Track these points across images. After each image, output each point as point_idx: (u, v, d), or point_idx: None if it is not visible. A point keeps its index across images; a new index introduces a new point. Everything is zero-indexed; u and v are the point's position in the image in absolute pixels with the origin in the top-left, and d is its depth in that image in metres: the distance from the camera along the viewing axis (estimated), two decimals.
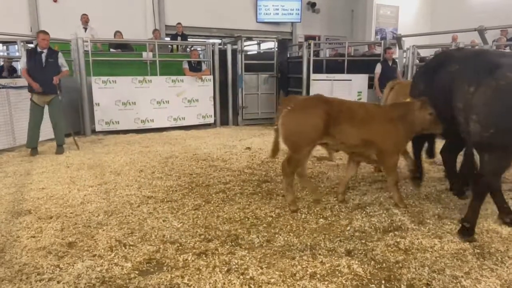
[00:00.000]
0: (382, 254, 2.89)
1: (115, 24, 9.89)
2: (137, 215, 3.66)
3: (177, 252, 2.93)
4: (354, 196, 4.14)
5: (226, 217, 3.61)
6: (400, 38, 9.26)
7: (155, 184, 4.62)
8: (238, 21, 13.02)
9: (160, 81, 8.32)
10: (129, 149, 6.52)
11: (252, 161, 5.72)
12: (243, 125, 9.41)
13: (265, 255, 2.87)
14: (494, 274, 2.62)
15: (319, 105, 3.57)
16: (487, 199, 3.99)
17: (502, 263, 2.76)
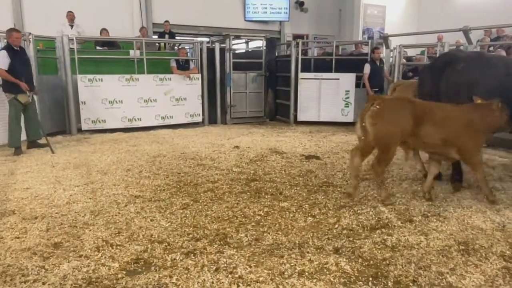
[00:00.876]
0: (370, 251, 2.92)
1: (101, 22, 9.75)
2: (124, 214, 3.62)
3: (165, 251, 2.91)
4: (341, 195, 4.17)
5: (214, 216, 3.60)
6: (387, 38, 9.34)
7: (143, 183, 4.58)
8: (226, 20, 12.97)
9: (148, 80, 8.24)
10: (116, 148, 6.45)
11: (240, 159, 5.72)
12: (232, 123, 9.39)
13: (254, 254, 2.87)
14: (478, 270, 2.67)
15: (407, 106, 3.70)
16: (471, 195, 4.08)
17: (486, 259, 2.81)
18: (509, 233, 3.22)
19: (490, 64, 4.10)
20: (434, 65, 4.25)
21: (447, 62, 4.05)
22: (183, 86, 8.61)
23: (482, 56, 4.36)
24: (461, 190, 4.29)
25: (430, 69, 4.31)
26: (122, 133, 7.79)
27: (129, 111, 8.11)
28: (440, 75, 4.03)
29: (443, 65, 4.06)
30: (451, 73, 3.99)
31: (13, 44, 5.88)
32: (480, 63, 4.07)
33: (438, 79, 4.05)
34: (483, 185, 3.92)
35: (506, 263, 2.76)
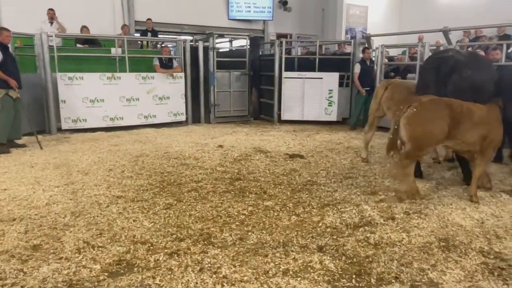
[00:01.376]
0: (353, 249, 2.95)
1: (82, 19, 9.55)
2: (106, 215, 3.56)
3: (148, 252, 2.88)
4: (325, 193, 4.20)
5: (198, 215, 3.57)
6: (369, 38, 9.45)
7: (125, 183, 4.51)
8: (210, 18, 12.89)
9: (130, 78, 8.12)
10: (97, 148, 6.33)
11: (224, 159, 5.69)
12: (215, 123, 9.35)
13: (238, 253, 2.86)
14: (458, 265, 2.73)
15: (444, 108, 3.77)
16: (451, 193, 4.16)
17: (465, 255, 2.87)
18: (488, 229, 3.30)
19: (490, 69, 4.44)
20: (441, 69, 4.37)
21: (453, 67, 4.26)
22: (166, 85, 8.52)
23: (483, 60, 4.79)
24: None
25: (435, 72, 4.41)
26: (103, 133, 7.65)
27: (111, 110, 7.97)
28: (447, 80, 4.25)
29: (451, 71, 4.26)
30: (458, 80, 4.21)
31: (4, 42, 5.99)
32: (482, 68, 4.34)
33: (444, 83, 4.26)
34: (475, 181, 4.02)
35: (484, 258, 2.83)
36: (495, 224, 3.42)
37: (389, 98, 5.17)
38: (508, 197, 4.10)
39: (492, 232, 3.25)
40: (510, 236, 3.18)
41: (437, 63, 4.46)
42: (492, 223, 3.44)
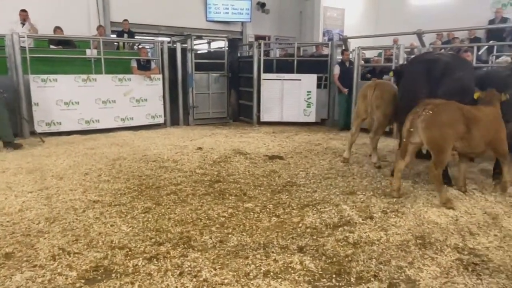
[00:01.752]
0: (333, 249, 2.98)
1: (55, 20, 9.31)
2: (82, 220, 3.47)
3: (126, 257, 2.82)
4: (305, 194, 4.22)
5: (177, 219, 3.53)
6: (346, 40, 9.59)
7: (102, 187, 4.42)
8: (188, 19, 12.80)
9: (106, 80, 7.97)
10: (73, 151, 6.17)
11: (203, 161, 5.65)
12: (194, 125, 9.28)
13: (219, 256, 2.84)
14: (435, 262, 2.80)
15: (458, 110, 3.85)
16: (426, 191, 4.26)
17: (441, 252, 2.95)
18: (462, 226, 3.40)
19: (473, 70, 4.71)
20: (432, 72, 4.43)
21: (444, 70, 4.37)
22: (143, 87, 8.40)
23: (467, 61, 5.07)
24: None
25: (426, 75, 4.46)
26: (79, 136, 7.47)
27: (86, 113, 7.79)
28: (438, 83, 4.34)
29: (442, 73, 4.36)
30: (451, 82, 4.33)
31: None
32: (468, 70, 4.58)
33: (436, 86, 4.34)
34: (506, 173, 4.16)
35: (459, 254, 2.91)
36: (468, 221, 3.52)
37: (378, 97, 5.21)
38: (480, 194, 4.23)
39: (466, 229, 3.34)
40: (483, 233, 3.28)
41: (426, 65, 4.52)
42: (465, 220, 3.55)
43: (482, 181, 4.72)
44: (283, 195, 4.19)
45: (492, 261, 2.81)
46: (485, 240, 3.13)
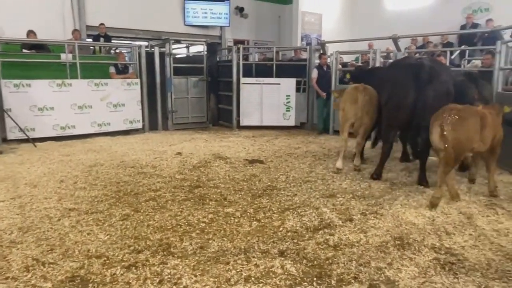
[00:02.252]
0: (313, 252, 2.99)
1: (28, 23, 9.06)
2: (57, 229, 3.37)
3: (103, 266, 2.75)
4: (285, 197, 4.23)
5: (157, 225, 3.47)
6: (324, 44, 9.72)
7: (78, 195, 4.30)
8: (166, 24, 12.68)
9: (82, 85, 7.80)
10: (47, 158, 6.00)
11: (183, 166, 5.59)
12: (173, 129, 9.18)
13: (199, 262, 2.81)
14: (413, 262, 2.84)
15: (476, 114, 3.99)
16: (404, 193, 4.35)
17: (419, 252, 3.00)
18: (438, 226, 3.48)
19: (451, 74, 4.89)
20: (420, 76, 4.50)
21: (431, 75, 4.49)
22: (120, 92, 8.27)
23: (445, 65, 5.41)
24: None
25: (414, 79, 4.53)
26: (54, 142, 7.27)
27: (62, 118, 7.60)
28: (426, 87, 4.44)
29: (430, 77, 4.47)
30: (439, 85, 4.49)
31: None
32: (449, 73, 4.78)
33: (424, 90, 4.45)
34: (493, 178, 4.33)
35: (436, 254, 2.97)
36: (444, 221, 3.61)
37: (368, 102, 5.19)
38: None
39: (442, 229, 3.42)
40: (458, 232, 3.36)
41: (413, 70, 4.58)
42: (442, 220, 3.63)
43: (457, 182, 4.84)
44: (264, 199, 4.19)
45: (467, 260, 2.88)
46: (461, 240, 3.21)
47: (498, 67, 5.76)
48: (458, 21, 11.41)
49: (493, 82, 5.78)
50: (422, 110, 4.45)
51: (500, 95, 5.71)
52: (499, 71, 5.78)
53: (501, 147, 4.33)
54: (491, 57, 6.35)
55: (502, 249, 3.06)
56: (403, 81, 4.65)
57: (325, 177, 5.06)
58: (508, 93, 5.72)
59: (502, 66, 5.79)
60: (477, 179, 4.88)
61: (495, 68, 5.79)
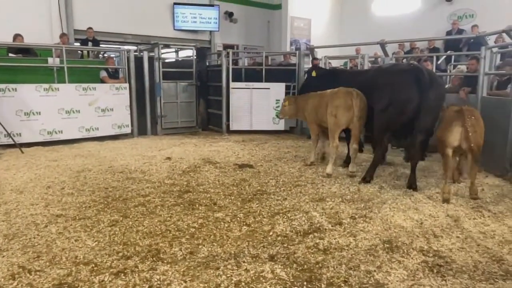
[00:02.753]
0: (303, 256, 2.99)
1: (16, 27, 8.95)
2: (44, 236, 3.32)
3: (92, 273, 2.71)
4: (275, 202, 4.24)
5: (146, 231, 3.44)
6: (313, 49, 9.79)
7: (65, 201, 4.25)
8: (155, 28, 12.67)
9: (70, 89, 7.71)
10: (34, 164, 5.91)
11: (172, 171, 5.56)
12: (163, 134, 9.13)
13: (189, 268, 2.79)
14: (402, 265, 2.87)
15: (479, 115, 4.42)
16: (392, 196, 4.39)
17: (407, 255, 3.03)
18: (426, 229, 3.51)
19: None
20: (421, 81, 4.58)
21: (431, 79, 4.64)
22: (109, 96, 8.20)
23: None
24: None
25: (417, 85, 4.60)
26: (40, 147, 7.17)
27: (49, 123, 7.50)
28: (428, 91, 4.56)
29: (431, 82, 4.60)
30: (438, 89, 4.74)
31: None
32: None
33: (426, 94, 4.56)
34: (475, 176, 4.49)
35: (424, 257, 3.00)
36: (432, 224, 3.65)
37: (362, 108, 5.12)
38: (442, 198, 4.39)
39: (430, 232, 3.46)
40: (446, 235, 3.41)
41: (415, 75, 4.64)
42: (430, 223, 3.67)
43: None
44: (254, 203, 4.19)
45: (455, 262, 2.91)
46: (448, 242, 3.25)
47: (483, 72, 5.87)
48: (444, 27, 11.64)
49: (479, 86, 5.89)
50: (425, 114, 4.57)
51: (485, 100, 5.82)
52: (484, 76, 5.89)
53: None
54: (475, 62, 6.47)
55: (489, 251, 3.11)
56: (406, 86, 4.69)
57: (315, 181, 5.08)
58: (493, 98, 5.84)
59: (486, 71, 5.90)
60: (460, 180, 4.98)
61: (480, 73, 5.90)
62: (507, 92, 5.62)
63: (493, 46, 6.22)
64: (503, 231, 3.49)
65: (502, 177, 5.15)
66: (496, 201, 4.30)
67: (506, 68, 5.99)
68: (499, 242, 3.28)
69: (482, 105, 5.81)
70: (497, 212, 3.97)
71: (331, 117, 5.24)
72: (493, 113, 5.50)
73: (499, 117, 5.27)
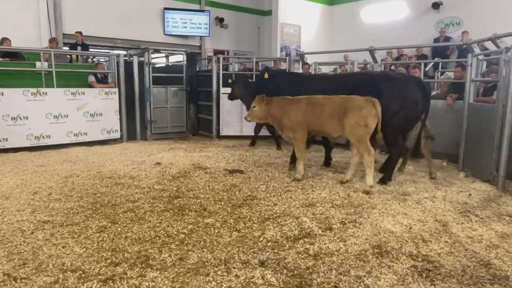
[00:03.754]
0: (294, 261, 2.99)
1: (3, 30, 8.86)
2: (30, 243, 3.26)
3: (79, 280, 2.67)
4: (265, 207, 4.23)
5: (135, 237, 3.41)
6: (303, 55, 9.86)
7: (53, 206, 4.18)
8: (145, 33, 12.65)
9: (58, 94, 7.63)
10: (20, 169, 5.82)
11: (162, 176, 5.52)
12: (152, 139, 9.07)
13: (178, 274, 2.77)
14: (391, 270, 2.88)
15: None
16: (381, 201, 4.42)
17: (397, 260, 3.04)
18: (415, 234, 3.54)
19: None
20: (425, 88, 5.27)
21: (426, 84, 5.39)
22: (98, 101, 8.12)
23: None
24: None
25: (422, 90, 5.21)
26: (27, 152, 7.06)
27: (36, 128, 7.40)
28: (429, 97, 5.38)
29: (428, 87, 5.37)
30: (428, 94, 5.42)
31: None
32: None
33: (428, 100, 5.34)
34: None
35: (414, 262, 3.02)
36: (421, 229, 3.68)
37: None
38: (431, 203, 4.44)
39: (419, 237, 3.49)
40: (434, 239, 3.44)
41: (423, 89, 5.20)
42: (418, 228, 3.70)
43: (432, 190, 4.97)
44: (244, 209, 4.17)
45: (443, 267, 2.94)
46: (437, 247, 3.28)
47: (469, 79, 5.97)
48: (432, 34, 11.84)
49: (465, 93, 6.00)
50: (425, 117, 5.29)
51: (471, 106, 5.92)
52: (471, 83, 6.00)
53: None
54: (460, 69, 6.59)
55: (476, 255, 3.14)
56: (416, 92, 5.20)
57: (305, 186, 5.09)
58: (479, 104, 5.94)
59: (473, 78, 6.00)
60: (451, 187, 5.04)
61: (467, 80, 6.00)
62: (493, 98, 5.72)
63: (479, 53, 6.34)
64: (490, 236, 3.53)
65: (489, 182, 5.22)
66: (483, 206, 4.36)
67: (491, 75, 6.09)
68: (486, 246, 3.32)
69: (469, 111, 5.91)
70: (484, 216, 4.02)
71: (360, 127, 4.87)
72: (480, 119, 5.61)
73: (486, 123, 5.37)
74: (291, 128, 5.36)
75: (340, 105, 5.02)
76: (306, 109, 5.25)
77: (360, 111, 4.89)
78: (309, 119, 5.23)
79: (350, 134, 4.99)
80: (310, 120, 5.23)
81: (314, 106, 5.21)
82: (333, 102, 5.11)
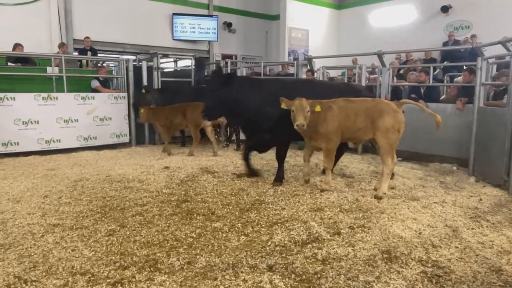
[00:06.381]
0: (302, 266, 2.97)
1: (16, 36, 9.01)
2: (40, 246, 3.29)
3: (88, 283, 2.69)
4: (273, 211, 4.22)
5: (143, 241, 3.42)
6: (311, 59, 9.86)
7: (63, 210, 4.22)
8: (154, 38, 12.76)
9: (68, 98, 7.73)
10: (31, 173, 5.89)
11: (170, 180, 5.55)
12: (161, 143, 9.11)
13: (186, 278, 2.77)
14: (401, 276, 2.86)
15: None
16: (390, 206, 4.38)
17: (406, 265, 3.01)
18: (425, 239, 3.51)
19: None
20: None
21: None
22: (107, 105, 8.22)
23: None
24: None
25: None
26: (38, 156, 7.16)
27: (47, 132, 7.50)
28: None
29: None
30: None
31: None
32: None
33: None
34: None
35: (423, 267, 2.99)
36: (431, 234, 3.64)
37: None
38: (441, 208, 4.40)
39: (429, 242, 3.45)
40: (444, 245, 3.40)
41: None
42: (428, 233, 3.66)
43: (442, 194, 4.91)
44: (252, 213, 4.17)
45: (454, 273, 2.90)
46: (447, 252, 3.24)
47: (479, 82, 5.92)
48: (441, 38, 11.76)
49: (475, 97, 5.94)
50: None
51: (481, 110, 5.86)
52: (481, 87, 5.94)
53: None
54: (468, 74, 6.53)
55: (487, 261, 3.10)
56: None
57: (313, 190, 5.07)
58: (489, 108, 5.88)
59: (483, 82, 5.95)
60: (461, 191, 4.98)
61: (477, 84, 5.95)
62: (504, 102, 5.66)
63: (489, 56, 6.28)
64: (501, 241, 3.49)
65: (499, 187, 5.15)
66: (494, 211, 4.31)
67: (502, 79, 6.03)
68: (497, 252, 3.27)
69: (479, 115, 5.85)
70: (495, 222, 3.97)
71: (393, 133, 4.70)
72: (490, 123, 5.55)
73: (496, 127, 5.31)
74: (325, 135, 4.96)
75: (366, 109, 4.81)
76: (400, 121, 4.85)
77: (396, 116, 4.72)
78: (345, 124, 4.92)
79: (383, 138, 4.74)
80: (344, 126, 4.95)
81: (349, 111, 4.86)
82: (363, 105, 4.87)
